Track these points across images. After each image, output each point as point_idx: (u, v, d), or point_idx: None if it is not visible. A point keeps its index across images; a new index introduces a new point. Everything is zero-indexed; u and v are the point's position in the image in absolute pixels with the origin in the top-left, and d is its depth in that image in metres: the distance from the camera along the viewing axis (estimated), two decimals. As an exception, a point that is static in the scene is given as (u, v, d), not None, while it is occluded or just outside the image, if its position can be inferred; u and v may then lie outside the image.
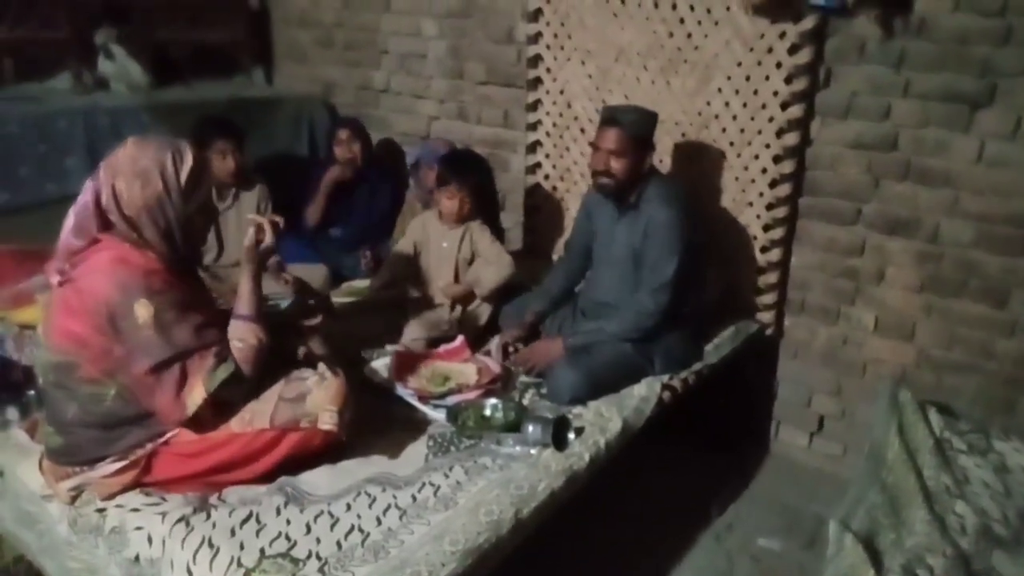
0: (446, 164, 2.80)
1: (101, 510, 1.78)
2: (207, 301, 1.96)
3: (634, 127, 2.39)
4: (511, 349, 2.56)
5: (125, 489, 1.80)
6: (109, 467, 1.78)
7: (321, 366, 1.94)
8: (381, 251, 3.33)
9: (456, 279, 2.80)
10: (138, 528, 1.72)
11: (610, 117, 2.42)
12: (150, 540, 1.70)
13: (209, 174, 1.85)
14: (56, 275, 1.74)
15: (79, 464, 1.79)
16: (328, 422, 1.80)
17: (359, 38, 3.81)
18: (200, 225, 1.86)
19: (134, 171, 1.71)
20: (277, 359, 1.91)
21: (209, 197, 1.86)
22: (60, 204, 3.00)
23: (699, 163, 2.89)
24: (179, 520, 1.71)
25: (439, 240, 2.83)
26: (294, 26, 4.06)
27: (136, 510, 1.76)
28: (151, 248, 1.76)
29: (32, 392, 2.20)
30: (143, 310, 1.66)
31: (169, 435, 1.79)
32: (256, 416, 1.79)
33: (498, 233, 2.89)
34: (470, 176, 2.76)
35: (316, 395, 1.82)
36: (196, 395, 1.72)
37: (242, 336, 1.81)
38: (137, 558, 1.70)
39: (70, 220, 1.77)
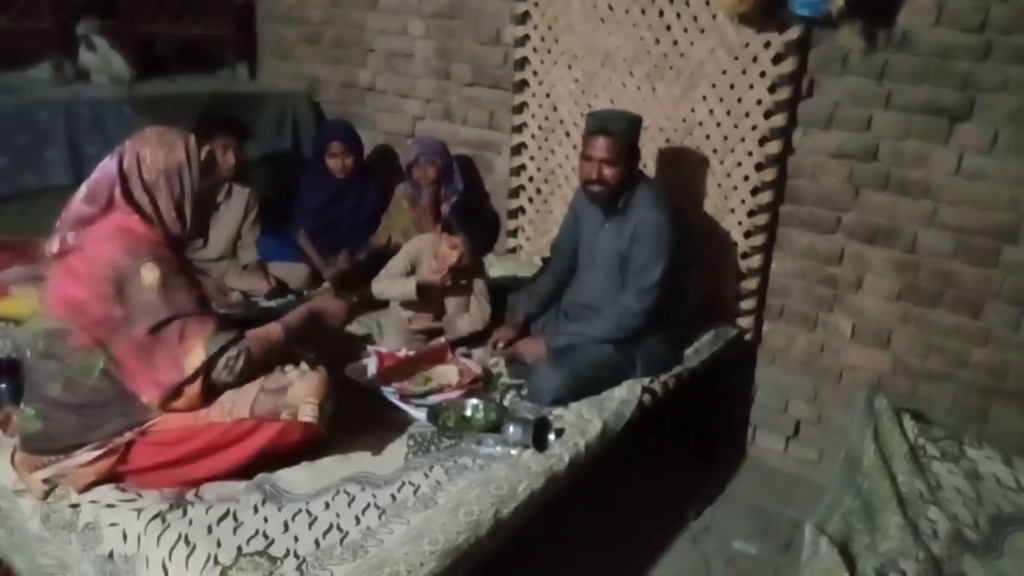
0: (462, 217, 2.66)
1: (75, 506, 1.76)
2: (199, 285, 1.98)
3: (624, 135, 2.41)
4: (499, 346, 2.57)
5: (101, 479, 1.78)
6: (86, 455, 1.76)
7: (303, 362, 1.93)
8: (358, 252, 3.31)
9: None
10: (113, 524, 1.70)
11: (600, 126, 2.41)
12: (125, 537, 1.67)
13: (219, 167, 1.93)
14: (57, 243, 1.77)
15: (56, 452, 1.77)
16: (309, 414, 1.80)
17: (345, 35, 3.80)
18: (204, 211, 1.93)
19: (160, 141, 1.83)
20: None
21: (216, 187, 1.94)
22: (39, 196, 3.01)
23: (682, 169, 2.91)
24: (155, 517, 1.69)
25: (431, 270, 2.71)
26: (280, 22, 4.04)
27: (111, 506, 1.74)
28: (158, 222, 1.83)
29: (3, 386, 2.16)
30: (149, 273, 1.73)
31: (147, 424, 1.78)
32: (236, 406, 1.79)
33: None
34: (480, 234, 2.71)
35: (297, 387, 1.82)
36: (194, 357, 1.75)
37: (268, 328, 1.91)
38: (111, 555, 1.68)
39: (82, 190, 1.82)
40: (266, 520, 1.72)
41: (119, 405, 1.77)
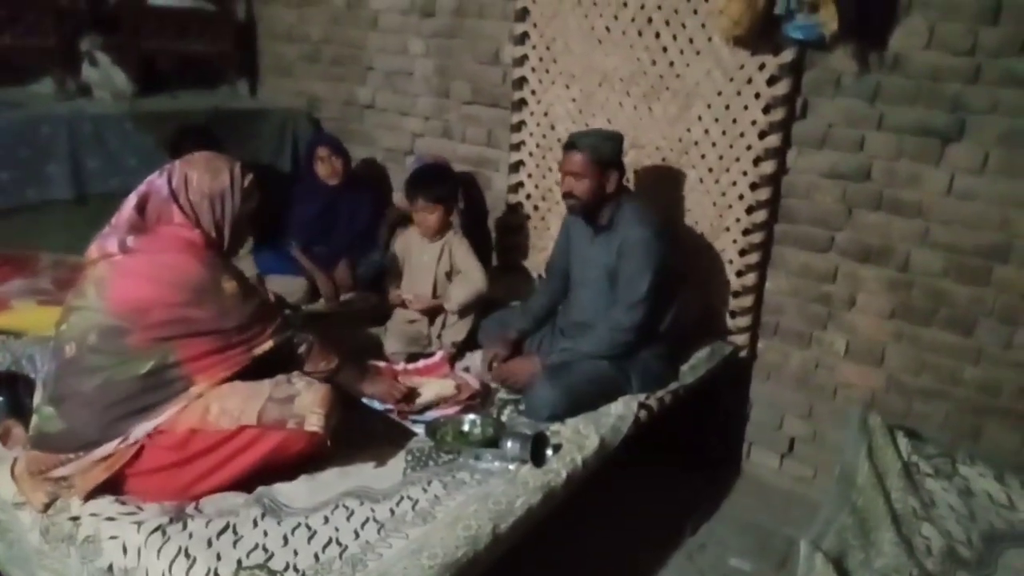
0: (412, 181, 2.89)
1: (74, 518, 1.76)
2: (257, 289, 2.17)
3: (593, 150, 2.45)
4: (494, 364, 2.58)
5: (109, 479, 1.79)
6: (105, 449, 1.78)
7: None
8: (360, 265, 3.34)
9: (435, 292, 2.82)
10: (113, 537, 1.71)
11: (570, 142, 2.50)
12: (125, 550, 1.68)
13: (258, 196, 2.06)
14: (115, 244, 1.86)
15: (75, 450, 1.79)
16: (315, 424, 1.83)
17: (345, 54, 3.84)
18: (242, 233, 2.06)
19: (207, 166, 1.98)
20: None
21: (253, 215, 2.06)
22: (40, 210, 3.02)
23: (678, 188, 2.94)
24: (155, 530, 1.69)
25: (420, 254, 2.86)
26: (280, 40, 4.08)
27: (111, 519, 1.74)
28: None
29: (2, 399, 2.16)
30: (228, 284, 1.90)
31: (162, 424, 1.81)
32: (244, 415, 1.82)
33: (484, 245, 2.92)
34: (437, 189, 2.81)
35: (305, 397, 1.86)
36: (264, 346, 1.95)
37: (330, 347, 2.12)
38: (111, 568, 1.68)
39: (132, 199, 1.93)
40: (266, 534, 1.73)
41: (145, 409, 1.80)
